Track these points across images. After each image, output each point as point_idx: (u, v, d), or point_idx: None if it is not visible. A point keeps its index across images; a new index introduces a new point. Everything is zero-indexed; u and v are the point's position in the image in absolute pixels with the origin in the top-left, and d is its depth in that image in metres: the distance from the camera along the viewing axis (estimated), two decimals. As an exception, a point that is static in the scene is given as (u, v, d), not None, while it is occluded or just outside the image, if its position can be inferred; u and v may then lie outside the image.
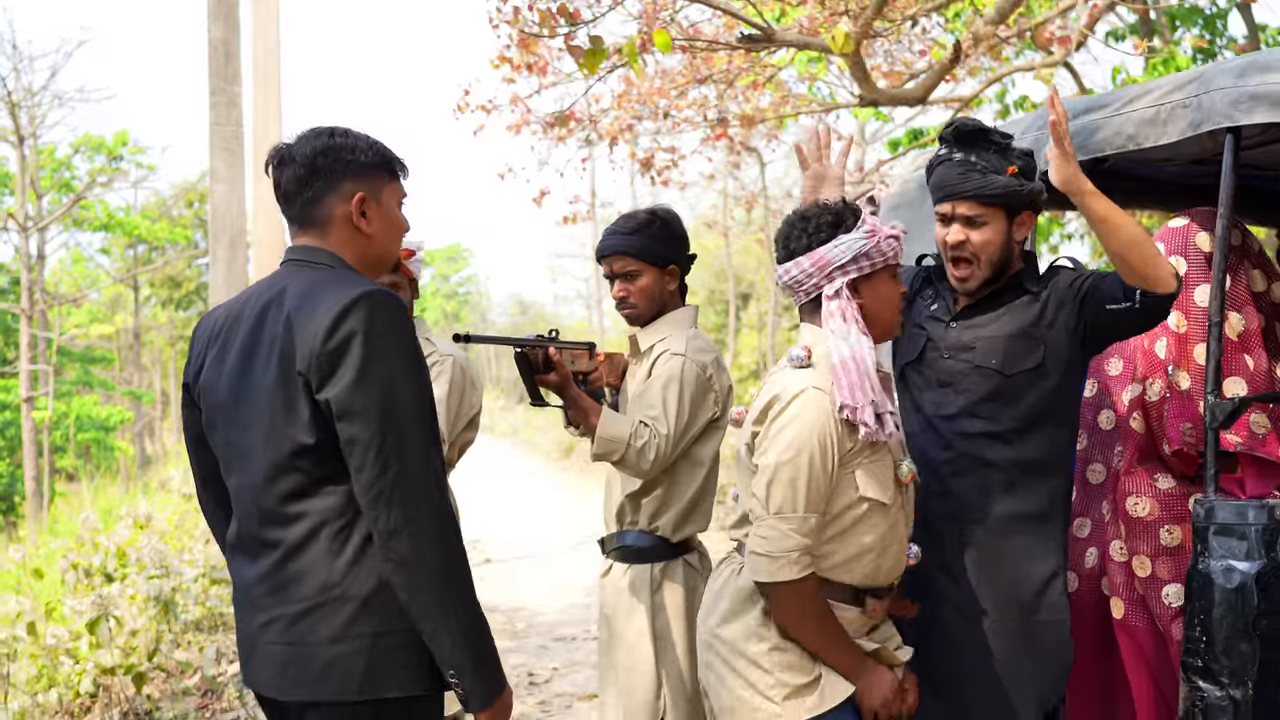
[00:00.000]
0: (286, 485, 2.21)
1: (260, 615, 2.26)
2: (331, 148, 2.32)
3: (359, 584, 2.20)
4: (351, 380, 2.13)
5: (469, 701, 2.21)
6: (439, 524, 2.16)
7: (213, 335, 2.35)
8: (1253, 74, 2.78)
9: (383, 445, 2.13)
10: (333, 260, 2.30)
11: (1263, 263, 3.18)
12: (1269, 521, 2.67)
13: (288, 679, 2.23)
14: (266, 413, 2.21)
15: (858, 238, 2.54)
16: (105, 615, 6.01)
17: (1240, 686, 2.65)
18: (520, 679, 6.46)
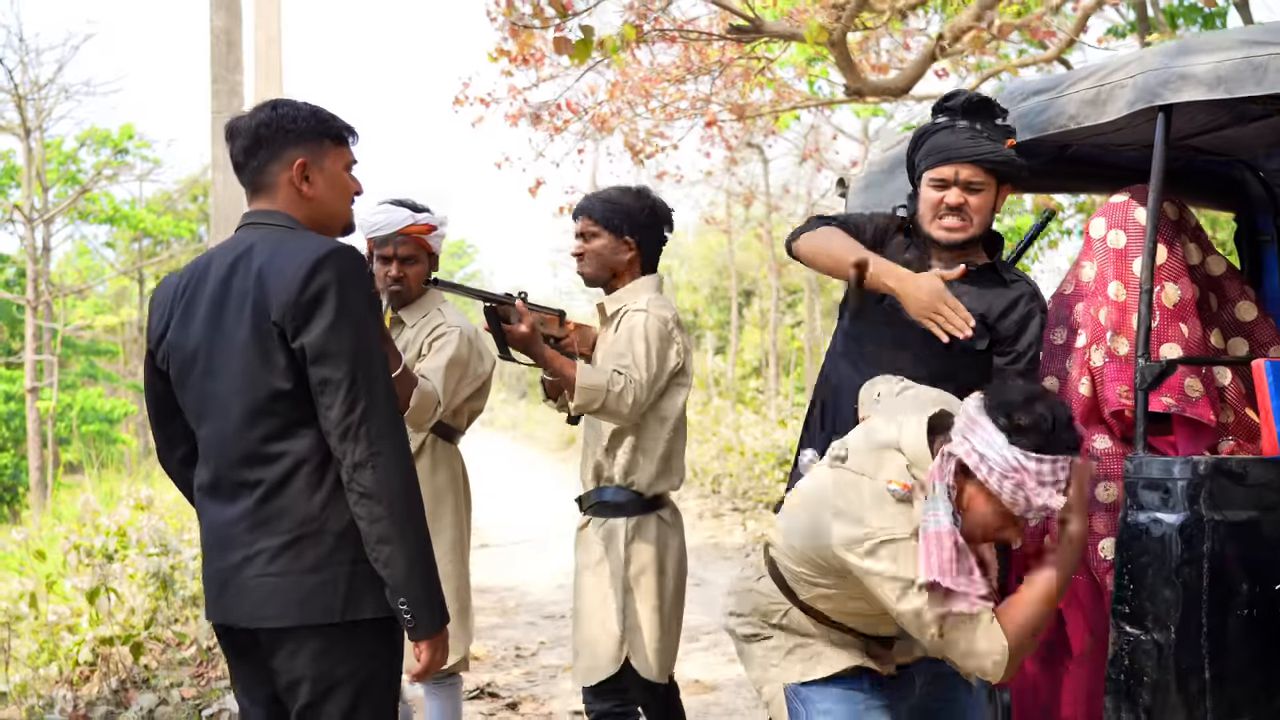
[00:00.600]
0: (265, 428, 2.39)
1: (239, 551, 2.43)
2: (273, 118, 2.53)
3: (337, 517, 2.39)
4: (326, 327, 2.33)
5: (415, 629, 2.40)
6: (400, 460, 2.36)
7: (176, 297, 2.54)
8: (1183, 55, 2.93)
9: (352, 385, 2.32)
10: (289, 221, 2.50)
11: (1199, 237, 3.34)
12: (1193, 476, 2.82)
13: (272, 607, 2.41)
14: (241, 361, 2.39)
15: (1016, 458, 2.40)
16: (104, 586, 6.18)
17: (1164, 631, 2.80)
18: (508, 652, 6.64)
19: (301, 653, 2.41)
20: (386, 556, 2.36)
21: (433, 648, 2.45)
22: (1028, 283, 3.16)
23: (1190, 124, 3.78)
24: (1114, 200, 3.32)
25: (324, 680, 2.41)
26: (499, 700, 5.68)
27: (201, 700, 5.52)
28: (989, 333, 3.08)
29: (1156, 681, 2.82)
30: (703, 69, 9.18)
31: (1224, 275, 3.38)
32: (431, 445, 3.80)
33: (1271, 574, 2.81)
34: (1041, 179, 4.38)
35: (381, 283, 3.81)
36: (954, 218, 3.07)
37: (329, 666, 2.41)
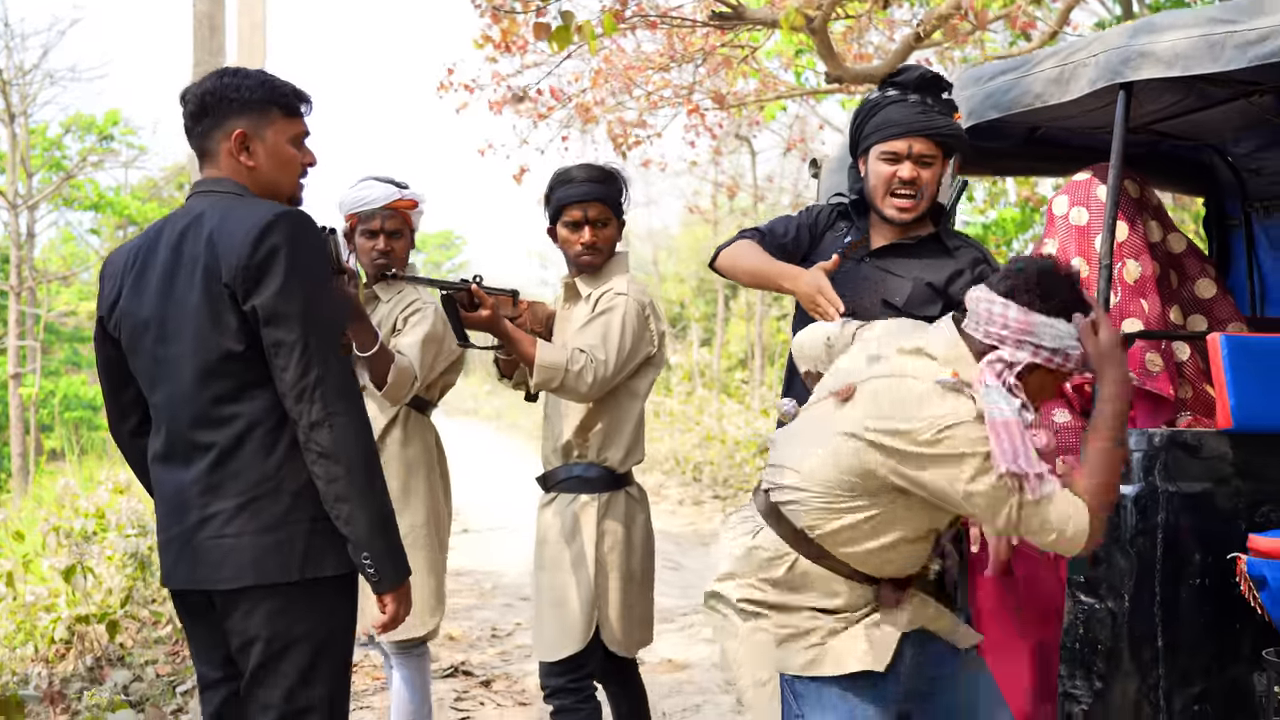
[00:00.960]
0: (217, 390, 2.42)
1: (193, 514, 2.46)
2: (219, 87, 2.55)
3: (293, 476, 2.42)
4: (277, 289, 2.36)
5: (380, 583, 2.43)
6: (355, 418, 2.40)
7: (127, 266, 2.56)
8: (1144, 34, 2.98)
9: (306, 347, 2.36)
10: (237, 188, 2.53)
11: (1160, 215, 3.39)
12: (1149, 448, 2.87)
13: (228, 568, 2.43)
14: (193, 325, 2.42)
15: (1070, 333, 2.46)
16: (80, 565, 6.20)
17: (1118, 600, 2.85)
18: (484, 633, 6.68)
19: (257, 612, 2.44)
20: (347, 514, 2.39)
21: (397, 600, 2.49)
22: (975, 247, 3.19)
23: (1157, 106, 3.82)
24: (1076, 178, 3.37)
25: (280, 639, 2.44)
26: (473, 678, 5.72)
27: (176, 677, 5.54)
28: (939, 298, 3.10)
29: (1111, 649, 2.87)
30: (686, 57, 9.20)
31: (1184, 253, 3.43)
32: (405, 417, 3.83)
33: (1224, 544, 2.86)
34: (1011, 161, 4.44)
35: (367, 257, 3.84)
36: (906, 197, 3.08)
37: (285, 625, 2.43)
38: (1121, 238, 3.22)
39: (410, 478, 3.81)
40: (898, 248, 3.17)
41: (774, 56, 10.61)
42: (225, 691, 2.59)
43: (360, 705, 5.38)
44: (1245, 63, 2.70)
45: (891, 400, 2.45)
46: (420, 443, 3.86)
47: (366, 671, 5.91)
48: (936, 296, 3.10)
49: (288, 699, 2.46)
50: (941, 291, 3.11)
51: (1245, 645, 2.90)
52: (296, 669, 2.45)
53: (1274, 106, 3.69)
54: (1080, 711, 2.90)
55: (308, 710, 2.47)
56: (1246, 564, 2.80)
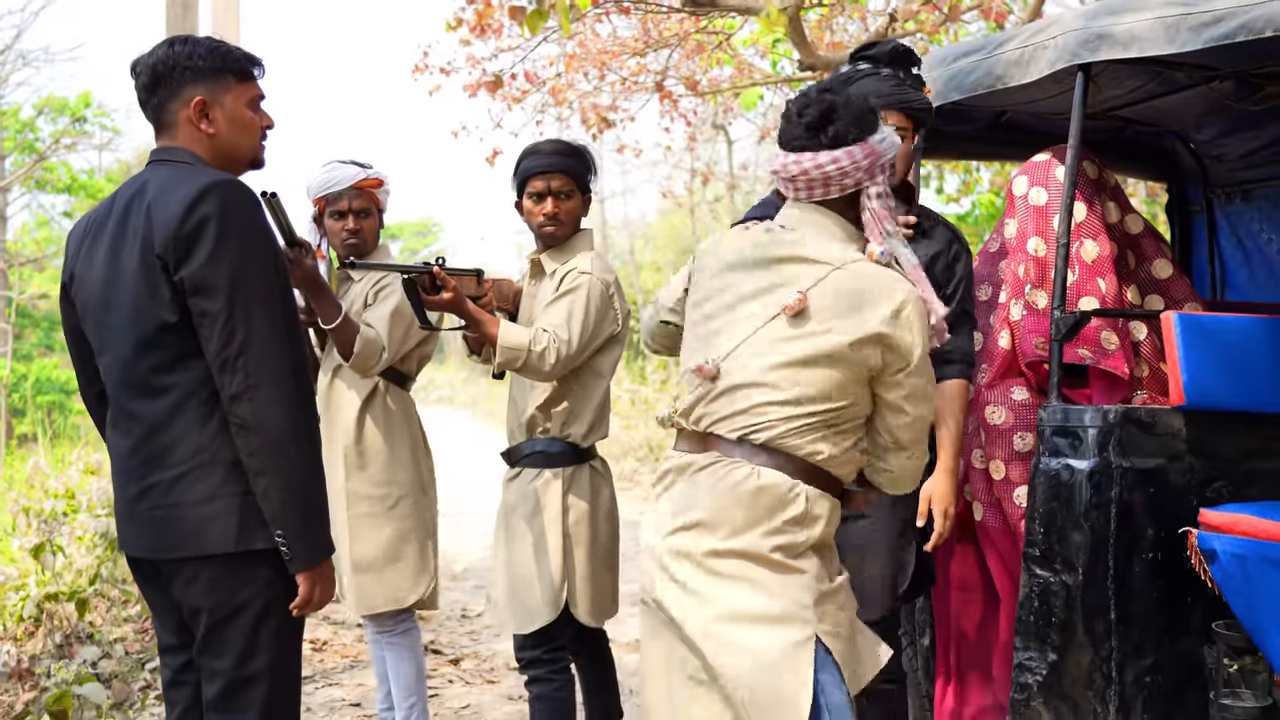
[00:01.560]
0: (153, 360, 2.43)
1: (134, 485, 2.47)
2: (170, 55, 2.52)
3: (227, 448, 2.42)
4: (205, 259, 2.36)
5: (292, 562, 2.44)
6: (279, 392, 2.38)
7: (84, 234, 2.58)
8: (1102, 16, 3.02)
9: (230, 318, 2.36)
10: (191, 158, 2.52)
11: (1118, 196, 3.44)
12: (1103, 425, 2.92)
13: (166, 539, 2.45)
14: (132, 295, 2.43)
15: (888, 133, 2.44)
16: (49, 543, 6.19)
17: (1071, 573, 2.90)
18: (454, 613, 6.71)
19: (198, 582, 2.45)
20: (263, 488, 2.39)
21: (310, 581, 2.46)
22: (945, 225, 3.20)
23: (1120, 91, 3.88)
24: (1036, 159, 3.41)
25: (221, 609, 2.45)
26: (442, 656, 5.75)
27: (145, 654, 5.55)
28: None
29: (1064, 622, 2.92)
30: (660, 43, 9.22)
31: (1141, 234, 3.48)
32: (384, 391, 3.85)
33: (1176, 519, 2.92)
34: (978, 145, 4.49)
35: (337, 239, 3.86)
36: None
37: (226, 595, 2.44)
38: (1080, 218, 3.26)
39: (393, 450, 3.83)
40: None
41: (749, 45, 10.64)
42: (183, 657, 2.61)
43: (330, 683, 5.40)
44: (1200, 44, 2.74)
45: (865, 291, 2.36)
46: (401, 416, 3.88)
47: (336, 650, 5.94)
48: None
49: (234, 667, 2.47)
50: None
51: (1196, 618, 2.96)
52: (241, 638, 2.45)
53: (1234, 93, 3.74)
54: (1034, 682, 2.95)
55: (254, 678, 2.47)
56: (1198, 538, 2.85)
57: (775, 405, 2.38)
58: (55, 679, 4.97)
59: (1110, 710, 2.90)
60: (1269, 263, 4.38)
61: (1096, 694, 2.90)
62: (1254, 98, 3.69)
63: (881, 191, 2.42)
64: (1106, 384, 3.23)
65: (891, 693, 3.19)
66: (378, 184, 3.89)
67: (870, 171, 2.40)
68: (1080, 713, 2.91)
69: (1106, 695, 2.90)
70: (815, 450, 2.39)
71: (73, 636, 5.78)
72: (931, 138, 4.01)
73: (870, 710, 3.19)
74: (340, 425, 3.82)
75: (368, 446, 3.81)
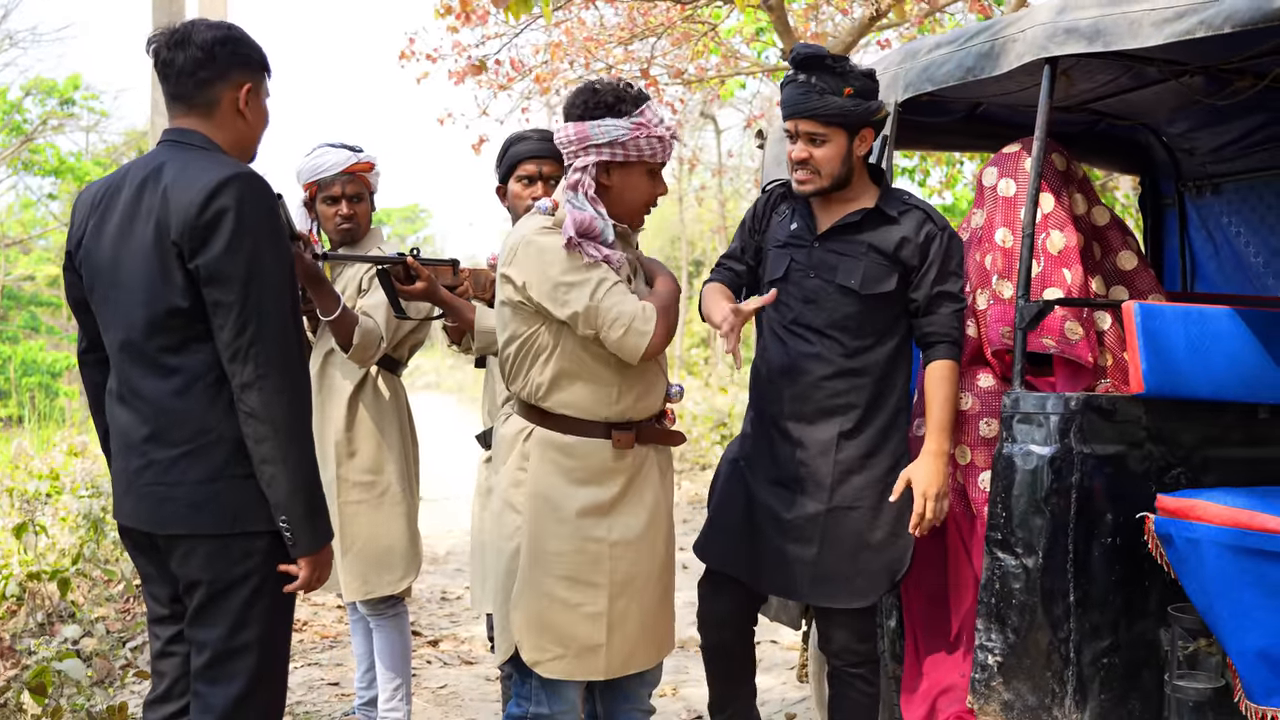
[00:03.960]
0: (162, 341, 2.49)
1: (137, 459, 2.53)
2: (231, 39, 2.60)
3: (231, 430, 2.48)
4: (221, 250, 2.42)
5: (295, 547, 2.51)
6: (287, 382, 2.46)
7: (94, 205, 2.62)
8: (1070, 10, 3.07)
9: (243, 309, 2.42)
10: (206, 143, 2.58)
11: (1085, 188, 3.49)
12: (1065, 411, 2.98)
13: (165, 515, 2.51)
14: (144, 275, 2.48)
15: (621, 125, 2.79)
16: (32, 522, 6.23)
17: (1032, 556, 2.96)
18: (434, 595, 6.77)
19: (194, 556, 2.51)
20: (270, 476, 2.46)
21: (311, 565, 2.55)
22: (919, 207, 3.21)
23: (1092, 84, 3.93)
24: (1006, 150, 3.46)
25: (219, 582, 2.51)
26: (420, 638, 5.81)
27: (126, 632, 5.60)
28: (892, 270, 3.15)
29: (1024, 604, 2.98)
30: (646, 31, 9.25)
31: (1108, 225, 3.53)
32: (375, 377, 3.88)
33: (1135, 505, 2.98)
34: (953, 136, 4.54)
35: (330, 224, 3.89)
36: (803, 170, 3.14)
37: (223, 569, 2.50)
38: (1047, 209, 3.32)
39: (384, 437, 3.86)
40: (843, 227, 3.20)
41: (734, 34, 10.67)
42: (173, 628, 2.66)
43: (309, 662, 5.46)
44: (1161, 39, 2.79)
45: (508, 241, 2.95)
46: (392, 402, 3.91)
47: (316, 629, 5.99)
48: (890, 269, 3.14)
49: (223, 639, 2.53)
50: (893, 259, 3.14)
51: (1153, 601, 3.03)
52: (234, 610, 2.52)
53: (1204, 87, 3.80)
54: (995, 662, 3.02)
55: (242, 650, 2.53)
56: (1155, 523, 2.91)
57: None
58: (37, 657, 5.01)
59: (1068, 690, 2.96)
60: (1237, 255, 4.45)
61: (1055, 674, 2.97)
62: (1223, 92, 3.75)
63: (585, 165, 2.84)
64: (1071, 372, 3.29)
65: (863, 675, 3.25)
66: (369, 167, 3.91)
67: (580, 152, 2.85)
68: (1039, 692, 2.97)
69: (1065, 675, 2.97)
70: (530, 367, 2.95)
71: (55, 615, 5.82)
72: (907, 129, 4.06)
73: (847, 691, 3.26)
74: (332, 410, 3.85)
75: (359, 432, 3.84)
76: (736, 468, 3.32)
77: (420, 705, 4.78)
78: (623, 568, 2.85)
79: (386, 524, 3.84)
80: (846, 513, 3.16)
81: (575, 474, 2.86)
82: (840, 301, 3.16)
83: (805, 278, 3.20)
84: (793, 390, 3.19)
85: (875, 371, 3.19)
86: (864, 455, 3.18)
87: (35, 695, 4.12)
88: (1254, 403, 3.12)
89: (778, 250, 3.27)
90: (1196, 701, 2.89)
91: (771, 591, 3.30)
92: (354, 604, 4.04)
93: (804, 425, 3.19)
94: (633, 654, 2.90)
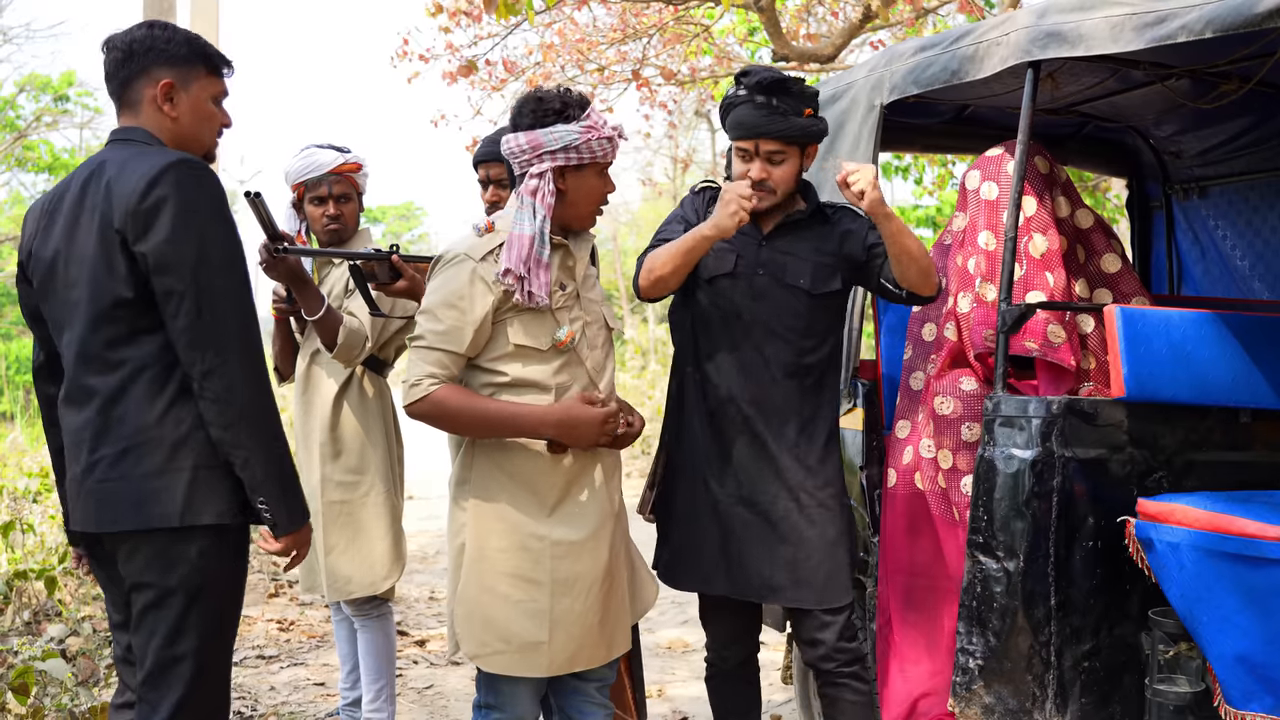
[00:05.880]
0: (108, 334, 2.47)
1: (84, 458, 2.51)
2: (147, 37, 2.59)
3: (176, 424, 2.47)
4: (165, 237, 2.41)
5: (276, 526, 2.51)
6: (248, 363, 2.45)
7: (43, 212, 2.62)
8: (1052, 14, 3.07)
9: (196, 295, 2.41)
10: (149, 138, 2.57)
11: (1068, 191, 3.50)
12: (1047, 415, 2.98)
13: (112, 512, 2.49)
14: (89, 270, 2.47)
15: (573, 130, 2.80)
16: (19, 521, 6.22)
17: (1013, 559, 2.96)
18: (422, 594, 6.76)
19: (137, 557, 2.49)
20: (243, 460, 2.45)
21: (294, 543, 2.56)
22: (846, 207, 3.23)
23: (1079, 87, 3.94)
24: (989, 154, 3.46)
25: (156, 587, 2.48)
26: (407, 638, 5.80)
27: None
28: (837, 268, 3.15)
29: (1005, 608, 2.98)
30: (638, 32, 9.25)
31: (1091, 228, 3.54)
32: (360, 378, 3.87)
33: (1116, 508, 2.98)
34: (941, 138, 4.54)
35: (318, 224, 3.88)
36: (760, 189, 3.11)
37: (161, 573, 2.48)
38: (1030, 212, 3.32)
39: (368, 437, 3.85)
40: (787, 226, 3.20)
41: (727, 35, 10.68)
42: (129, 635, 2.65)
43: (295, 662, 5.45)
44: (1143, 44, 2.79)
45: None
46: (377, 403, 3.90)
47: (303, 629, 5.98)
48: (835, 269, 3.16)
49: (162, 647, 2.50)
50: (838, 256, 3.16)
51: (1133, 605, 3.03)
52: (171, 618, 2.49)
53: (1190, 90, 3.81)
54: (976, 666, 3.02)
55: (180, 659, 2.50)
56: (1135, 527, 2.91)
57: None
58: (22, 656, 5.00)
59: (1049, 693, 2.97)
60: (1223, 258, 4.46)
61: (1036, 678, 2.97)
62: (1209, 95, 3.75)
63: (542, 171, 2.83)
64: (1053, 376, 3.29)
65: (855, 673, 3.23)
66: (356, 168, 3.91)
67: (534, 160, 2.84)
68: (1020, 696, 2.97)
69: (1045, 679, 2.97)
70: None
71: (41, 614, 5.81)
72: (895, 131, 4.07)
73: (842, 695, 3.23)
74: (317, 410, 3.85)
75: (343, 433, 3.84)
76: (693, 478, 3.24)
77: (405, 706, 4.78)
78: (565, 567, 2.85)
79: (370, 525, 3.83)
80: (817, 511, 3.15)
81: (515, 474, 2.86)
82: (789, 300, 3.15)
83: (754, 275, 3.18)
84: (747, 391, 3.15)
85: (820, 371, 3.19)
86: (821, 453, 3.17)
87: (18, 695, 4.11)
88: (1235, 406, 3.12)
89: (721, 246, 3.19)
90: (1176, 705, 2.89)
91: (751, 596, 3.26)
92: (339, 604, 4.04)
93: (763, 426, 3.15)
94: (578, 653, 2.89)
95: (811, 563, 3.14)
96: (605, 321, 3.02)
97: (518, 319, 2.82)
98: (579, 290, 2.95)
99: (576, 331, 2.89)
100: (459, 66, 9.24)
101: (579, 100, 2.87)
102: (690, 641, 5.68)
